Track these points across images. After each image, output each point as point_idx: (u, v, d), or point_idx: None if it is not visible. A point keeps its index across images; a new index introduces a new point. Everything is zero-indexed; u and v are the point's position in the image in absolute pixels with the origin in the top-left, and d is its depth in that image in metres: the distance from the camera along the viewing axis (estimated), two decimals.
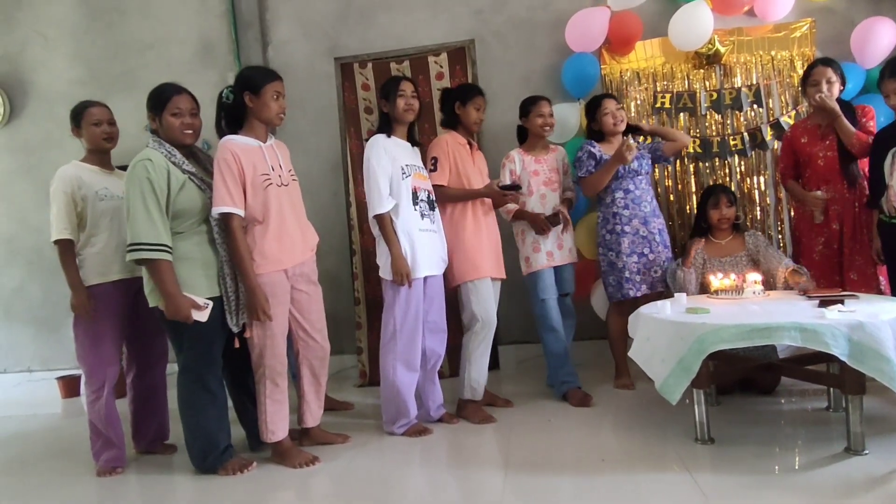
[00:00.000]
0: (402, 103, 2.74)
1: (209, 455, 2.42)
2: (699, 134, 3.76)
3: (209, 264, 2.38)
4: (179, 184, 2.33)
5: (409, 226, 2.70)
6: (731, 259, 3.14)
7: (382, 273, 2.74)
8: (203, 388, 2.39)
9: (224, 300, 2.38)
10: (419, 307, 2.74)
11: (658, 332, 2.40)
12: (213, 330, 2.37)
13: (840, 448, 2.20)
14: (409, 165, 2.75)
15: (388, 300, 2.75)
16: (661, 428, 2.58)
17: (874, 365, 2.01)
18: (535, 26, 3.96)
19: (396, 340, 2.71)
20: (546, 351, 3.19)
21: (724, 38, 3.68)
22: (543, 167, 3.21)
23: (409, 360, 2.72)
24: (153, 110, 2.40)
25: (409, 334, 2.72)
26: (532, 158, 3.21)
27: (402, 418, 2.75)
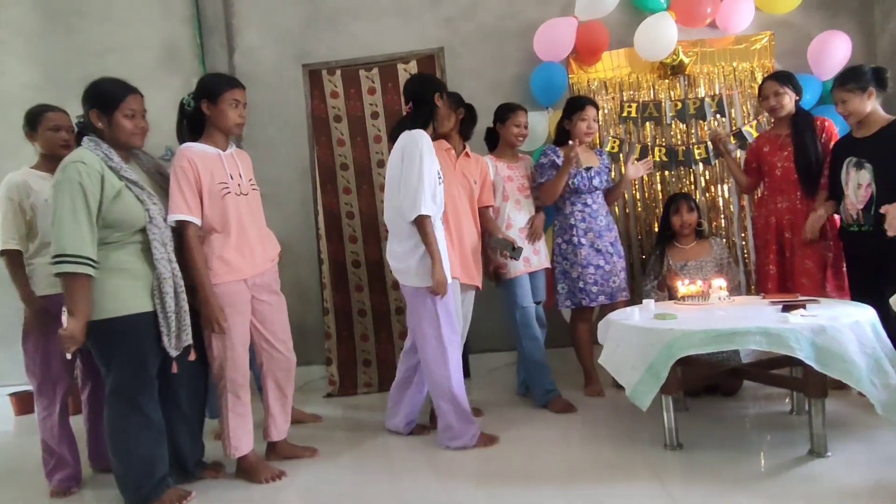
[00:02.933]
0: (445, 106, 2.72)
1: (143, 486, 2.19)
2: (665, 143, 3.82)
3: (144, 277, 2.19)
4: (115, 191, 2.13)
5: (440, 230, 2.62)
6: (695, 263, 3.23)
7: (413, 281, 2.56)
8: (136, 411, 2.18)
9: (161, 318, 2.18)
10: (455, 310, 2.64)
11: (627, 339, 2.42)
12: (148, 347, 2.18)
13: (804, 451, 2.24)
14: (439, 172, 2.63)
15: (422, 310, 2.57)
16: (632, 434, 2.60)
17: (839, 367, 2.05)
18: (504, 35, 3.98)
19: (446, 349, 2.57)
20: (526, 359, 3.18)
21: (688, 49, 3.76)
22: (516, 173, 3.23)
23: (459, 367, 2.63)
24: (102, 108, 2.19)
25: (456, 340, 2.63)
26: (504, 164, 3.23)
27: (471, 427, 2.62)
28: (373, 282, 3.98)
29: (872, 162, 2.68)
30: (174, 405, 2.37)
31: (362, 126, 4.01)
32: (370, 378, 3.91)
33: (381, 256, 3.98)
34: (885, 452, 2.20)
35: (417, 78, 2.89)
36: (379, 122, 4.01)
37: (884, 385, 2.08)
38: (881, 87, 2.74)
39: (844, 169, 2.78)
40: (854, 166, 2.75)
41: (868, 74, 2.72)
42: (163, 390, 2.29)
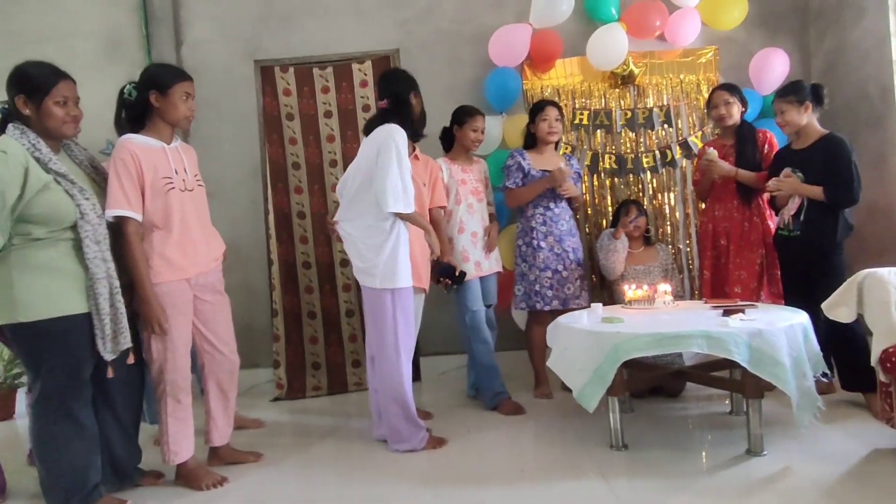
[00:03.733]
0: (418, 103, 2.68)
1: (73, 496, 2.07)
2: (615, 151, 3.91)
3: (77, 276, 2.05)
4: (41, 184, 1.99)
5: (407, 231, 2.57)
6: (643, 268, 3.32)
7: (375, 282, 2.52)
8: (67, 418, 2.06)
9: (95, 321, 2.05)
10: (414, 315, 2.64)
11: (576, 342, 2.45)
12: (81, 350, 2.05)
13: (742, 450, 2.32)
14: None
15: (381, 314, 2.53)
16: (579, 436, 2.64)
17: (771, 370, 2.14)
18: (460, 39, 4.00)
19: (401, 354, 2.55)
20: (476, 362, 3.19)
21: (638, 60, 3.86)
22: (470, 177, 3.24)
23: (409, 372, 2.61)
24: (29, 94, 2.04)
25: (411, 346, 2.61)
26: (459, 167, 3.24)
27: (419, 430, 2.60)
28: (323, 283, 3.92)
29: (805, 172, 2.82)
30: (109, 410, 2.26)
31: (315, 125, 3.95)
32: (319, 381, 3.85)
33: (332, 258, 3.93)
34: (818, 451, 2.29)
35: (395, 74, 2.82)
36: (332, 122, 3.96)
37: (800, 387, 2.19)
38: (818, 102, 2.89)
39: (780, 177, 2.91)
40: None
41: (807, 90, 2.87)
42: (97, 395, 2.18)
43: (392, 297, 2.52)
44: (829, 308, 2.40)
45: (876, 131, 3.42)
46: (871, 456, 2.24)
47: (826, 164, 2.78)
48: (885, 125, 3.37)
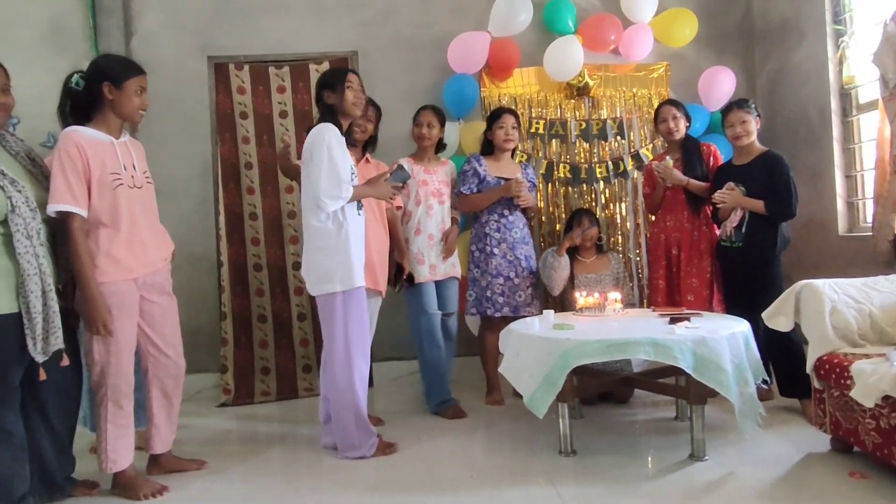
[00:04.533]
0: (352, 96, 2.52)
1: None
2: (569, 160, 3.98)
3: (7, 273, 1.96)
4: None
5: (357, 230, 2.53)
6: (595, 276, 3.39)
7: (318, 289, 2.48)
8: None
9: (25, 320, 1.95)
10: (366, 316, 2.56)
11: (527, 348, 2.47)
12: (10, 353, 1.95)
13: (685, 455, 2.38)
14: (352, 167, 2.56)
15: (331, 318, 2.48)
16: (529, 442, 2.66)
17: (714, 376, 2.21)
18: (419, 44, 4.00)
19: (353, 359, 2.48)
20: (424, 367, 3.17)
21: (593, 72, 3.95)
22: (433, 178, 3.23)
23: (364, 378, 2.55)
24: None
25: (364, 350, 2.55)
26: (422, 168, 3.23)
27: (370, 437, 2.55)
28: (275, 286, 3.84)
29: (746, 186, 2.94)
30: (40, 416, 2.14)
31: (270, 125, 3.88)
32: (268, 387, 3.76)
33: (284, 260, 3.85)
34: (756, 455, 2.37)
35: (319, 78, 2.75)
36: (287, 122, 3.89)
37: (741, 393, 2.26)
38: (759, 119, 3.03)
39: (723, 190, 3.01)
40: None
41: (754, 105, 3.04)
42: (28, 400, 2.07)
43: (343, 299, 2.48)
44: (769, 317, 2.50)
45: (813, 150, 3.59)
46: (806, 460, 2.33)
47: (766, 179, 2.91)
48: (821, 144, 3.54)
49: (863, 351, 2.23)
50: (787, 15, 3.79)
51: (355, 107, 2.54)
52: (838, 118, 3.48)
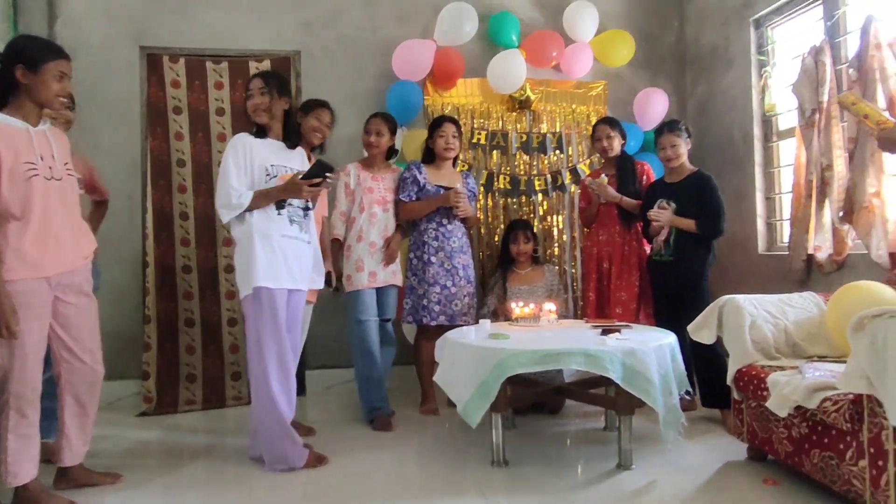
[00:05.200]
0: (249, 104, 2.53)
1: None
2: (509, 172, 4.03)
3: None
4: None
5: (269, 229, 2.44)
6: (529, 288, 3.44)
7: (240, 290, 2.45)
8: None
9: None
10: (282, 319, 2.44)
11: (462, 357, 2.47)
12: None
13: (613, 464, 2.44)
14: (276, 166, 2.50)
15: (247, 321, 2.45)
16: (462, 452, 2.65)
17: (641, 387, 2.27)
18: (364, 48, 3.96)
19: (267, 365, 2.39)
20: (358, 375, 3.12)
21: (535, 87, 4.03)
22: (380, 185, 3.20)
23: (285, 383, 2.44)
24: None
25: (281, 353, 2.43)
26: (369, 175, 3.20)
27: (297, 447, 2.45)
28: (205, 289, 3.69)
29: (677, 203, 3.07)
30: None
31: (205, 121, 3.74)
32: (193, 395, 3.59)
33: (216, 263, 3.71)
34: (679, 464, 2.46)
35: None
36: (224, 120, 3.76)
37: (666, 403, 2.34)
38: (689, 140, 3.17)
39: (656, 208, 3.13)
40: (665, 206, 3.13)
41: (684, 127, 3.17)
42: None
43: (252, 301, 2.41)
44: (694, 330, 2.60)
45: (738, 172, 3.79)
46: (724, 468, 2.44)
47: (697, 197, 3.04)
48: (745, 167, 3.74)
49: (778, 363, 2.36)
50: (716, 43, 4.00)
51: (254, 114, 2.52)
52: (760, 143, 3.69)
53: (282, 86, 2.57)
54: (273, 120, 2.54)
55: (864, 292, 2.27)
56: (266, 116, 2.52)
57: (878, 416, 1.76)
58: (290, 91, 2.63)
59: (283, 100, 2.56)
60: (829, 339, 2.43)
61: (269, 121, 2.53)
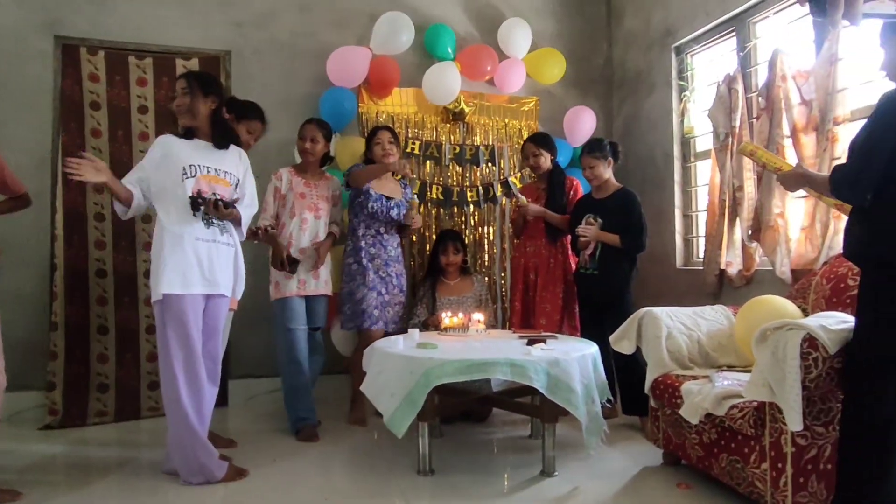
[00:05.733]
0: (173, 104, 2.47)
1: None
2: (442, 182, 4.07)
3: None
4: None
5: (181, 232, 2.34)
6: (458, 298, 3.48)
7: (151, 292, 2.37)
8: None
9: None
10: (193, 326, 2.34)
11: (390, 366, 2.46)
12: None
13: (537, 471, 2.49)
14: (195, 166, 2.40)
15: (158, 328, 2.37)
16: (388, 462, 2.63)
17: (564, 396, 2.34)
18: (298, 52, 3.90)
19: (176, 373, 2.28)
20: (285, 385, 3.05)
21: (469, 99, 4.09)
22: (312, 192, 3.15)
23: (197, 393, 2.34)
24: None
25: (191, 361, 2.32)
26: (302, 181, 3.15)
27: (213, 459, 2.34)
28: (121, 295, 3.50)
29: (603, 218, 3.19)
30: None
31: (126, 119, 3.56)
32: (105, 406, 3.39)
33: (135, 267, 3.53)
34: (600, 470, 2.54)
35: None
36: (147, 118, 3.60)
37: (589, 411, 2.42)
38: (615, 158, 3.30)
39: (583, 223, 3.24)
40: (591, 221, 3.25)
41: (608, 147, 3.27)
42: None
43: (160, 308, 2.32)
44: (615, 341, 2.70)
45: (658, 190, 3.98)
46: (641, 473, 2.53)
47: (621, 214, 3.17)
48: (665, 186, 3.94)
49: (691, 373, 2.48)
50: (640, 67, 4.20)
51: (177, 114, 2.48)
52: (679, 163, 3.90)
53: (207, 86, 2.48)
54: (198, 120, 2.46)
55: (769, 306, 2.43)
56: (189, 117, 2.45)
57: (779, 422, 1.88)
58: (218, 90, 2.55)
59: (210, 100, 2.48)
60: (737, 349, 2.58)
61: (192, 121, 2.45)
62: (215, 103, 2.50)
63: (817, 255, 2.73)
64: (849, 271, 2.28)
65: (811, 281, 2.50)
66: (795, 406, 1.76)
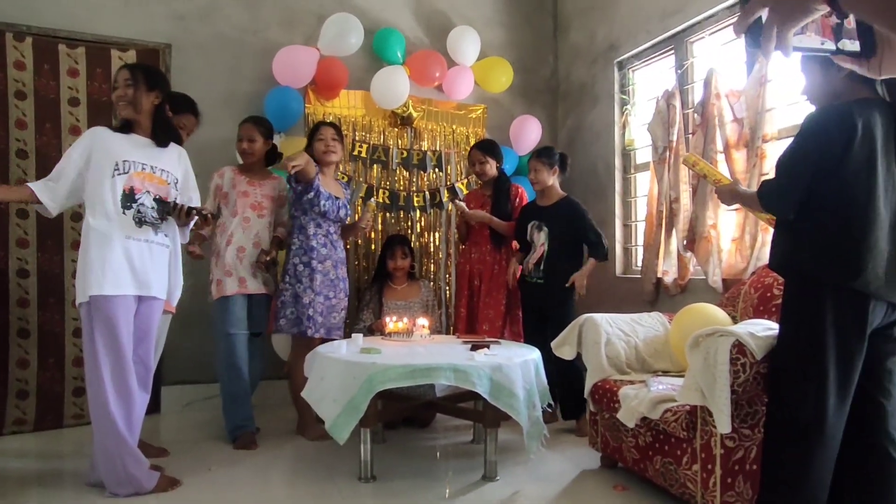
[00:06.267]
0: (113, 95, 2.34)
1: None
2: (389, 186, 4.05)
3: None
4: None
5: (110, 230, 2.22)
6: (405, 303, 3.47)
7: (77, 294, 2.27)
8: None
9: None
10: (124, 329, 2.22)
11: (332, 372, 2.42)
12: None
13: (479, 476, 2.50)
14: (129, 162, 2.29)
15: (84, 331, 2.25)
16: (329, 469, 2.59)
17: (506, 401, 2.36)
18: (243, 49, 3.80)
19: (103, 379, 2.16)
20: (223, 391, 2.95)
21: (417, 104, 4.09)
22: (256, 191, 3.06)
23: (126, 400, 2.22)
24: None
25: (120, 366, 2.21)
26: (245, 179, 3.06)
27: (143, 469, 2.23)
28: (45, 296, 3.30)
29: (549, 227, 3.26)
30: None
31: (55, 111, 3.37)
32: (24, 413, 3.18)
33: (62, 267, 3.34)
34: (541, 473, 2.58)
35: None
36: (79, 111, 3.42)
37: (530, 416, 2.46)
38: (563, 169, 3.38)
39: (529, 230, 3.30)
40: (536, 228, 3.32)
41: (556, 156, 3.35)
42: None
43: (87, 311, 2.22)
44: (556, 347, 2.76)
45: (600, 201, 4.10)
46: (580, 476, 2.59)
47: (567, 222, 3.25)
48: (606, 196, 4.06)
49: (629, 378, 2.56)
50: (584, 80, 4.31)
51: (117, 106, 2.37)
52: (620, 174, 4.03)
53: (152, 79, 2.39)
54: (140, 115, 2.36)
55: (701, 313, 2.53)
56: (130, 110, 2.34)
57: (709, 425, 1.96)
58: (164, 86, 2.45)
59: (154, 94, 2.38)
60: (672, 355, 2.68)
61: (134, 115, 2.35)
62: (159, 98, 2.40)
63: (746, 266, 2.87)
64: (774, 281, 2.41)
65: (740, 290, 2.62)
66: (725, 409, 1.84)
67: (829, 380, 1.68)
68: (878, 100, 1.72)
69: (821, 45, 0.77)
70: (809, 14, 0.71)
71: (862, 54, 0.78)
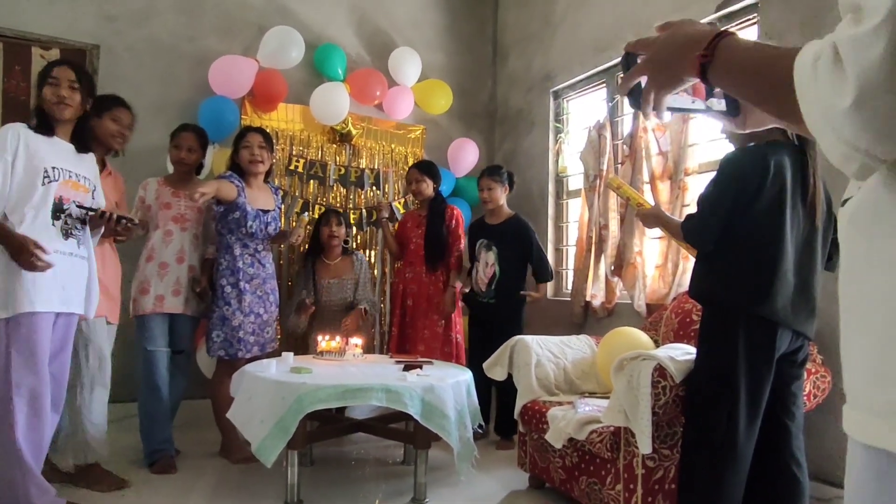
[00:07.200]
0: (50, 92, 2.17)
1: None
2: (325, 203, 4.01)
3: None
4: None
5: (39, 242, 2.06)
6: (338, 282, 3.42)
7: None
8: None
9: None
10: (45, 347, 2.07)
11: (260, 392, 2.35)
12: None
13: (409, 498, 2.48)
14: (58, 169, 2.14)
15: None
16: (253, 493, 2.50)
17: (438, 422, 2.36)
18: (178, 56, 3.69)
19: (13, 399, 2.00)
20: (141, 411, 2.81)
21: (357, 122, 4.09)
22: (180, 202, 2.92)
23: (37, 422, 2.07)
24: None
25: (33, 386, 2.04)
26: (170, 191, 2.92)
27: (44, 498, 2.07)
28: None
29: (498, 246, 3.33)
30: None
31: None
32: None
33: None
34: (470, 494, 2.58)
35: None
36: None
37: (461, 437, 2.47)
38: (511, 187, 3.48)
39: (477, 248, 3.37)
40: (484, 247, 3.39)
41: (505, 175, 3.45)
42: None
43: (6, 330, 2.03)
44: (488, 368, 2.79)
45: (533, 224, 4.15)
46: (510, 496, 2.61)
47: (515, 241, 3.35)
48: (540, 220, 4.17)
49: (557, 399, 2.62)
50: (521, 107, 4.44)
51: (57, 106, 2.19)
52: (553, 200, 4.16)
53: (91, 85, 2.30)
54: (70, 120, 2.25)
55: (626, 337, 2.64)
56: (69, 112, 2.21)
57: (632, 446, 2.04)
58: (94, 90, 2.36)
59: (88, 101, 2.28)
60: (598, 377, 2.77)
61: (70, 118, 2.23)
62: (89, 105, 2.30)
63: (668, 291, 3.02)
64: (693, 307, 2.54)
65: (662, 314, 2.75)
66: (646, 430, 1.91)
67: (740, 402, 1.78)
68: (788, 143, 1.87)
69: (692, 105, 0.86)
70: (682, 84, 0.79)
71: (728, 113, 0.87)
